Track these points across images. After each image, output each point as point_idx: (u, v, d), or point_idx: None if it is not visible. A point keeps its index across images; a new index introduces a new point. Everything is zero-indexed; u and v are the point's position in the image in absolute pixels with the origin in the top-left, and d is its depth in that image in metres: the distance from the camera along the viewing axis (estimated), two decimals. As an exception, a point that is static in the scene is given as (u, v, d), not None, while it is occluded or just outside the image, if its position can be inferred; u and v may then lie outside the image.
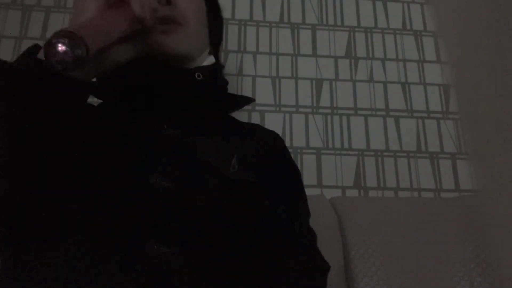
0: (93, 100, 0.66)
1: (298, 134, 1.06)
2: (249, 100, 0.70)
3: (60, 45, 0.40)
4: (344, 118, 1.09)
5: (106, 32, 0.46)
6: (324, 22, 1.18)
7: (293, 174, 0.66)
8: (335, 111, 1.09)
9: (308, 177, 1.02)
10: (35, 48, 0.46)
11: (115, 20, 0.48)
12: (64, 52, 0.40)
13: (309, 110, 1.09)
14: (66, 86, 0.45)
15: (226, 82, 0.69)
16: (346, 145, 1.06)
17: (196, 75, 0.60)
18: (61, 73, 0.42)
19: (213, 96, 0.64)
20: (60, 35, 0.40)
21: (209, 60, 0.67)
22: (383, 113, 1.10)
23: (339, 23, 1.18)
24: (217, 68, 0.68)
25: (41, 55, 0.45)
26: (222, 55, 1.11)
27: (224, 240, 0.53)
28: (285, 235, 0.58)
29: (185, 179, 0.53)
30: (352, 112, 1.10)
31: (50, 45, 0.40)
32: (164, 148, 0.55)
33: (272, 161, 0.63)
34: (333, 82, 1.12)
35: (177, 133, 0.57)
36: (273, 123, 1.06)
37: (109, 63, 0.51)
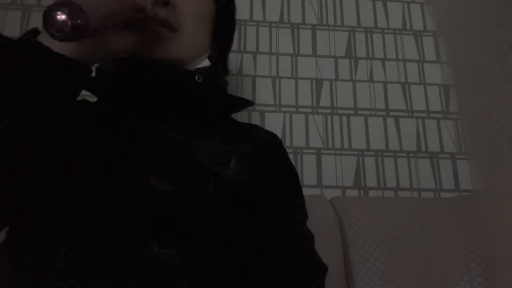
0: (92, 100, 0.66)
1: (298, 134, 1.06)
2: (249, 104, 0.70)
3: (59, 13, 0.39)
4: (344, 118, 1.09)
5: (108, 10, 0.46)
6: (324, 22, 1.18)
7: (291, 176, 0.66)
8: (335, 111, 1.09)
9: (308, 177, 1.02)
10: (34, 31, 0.47)
11: (119, 2, 0.48)
12: (63, 21, 0.39)
13: (309, 110, 1.09)
14: (66, 66, 0.45)
15: (226, 84, 0.69)
16: (346, 145, 1.06)
17: (196, 77, 0.60)
18: (59, 40, 0.42)
19: (213, 98, 0.64)
20: (60, 3, 0.40)
21: (206, 63, 0.66)
22: (383, 113, 1.10)
23: (339, 23, 1.18)
24: (217, 70, 0.67)
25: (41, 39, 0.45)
26: (222, 55, 1.11)
27: (223, 241, 0.53)
28: (283, 237, 0.58)
29: (184, 182, 0.53)
30: (352, 112, 1.10)
31: (50, 12, 0.40)
32: (163, 149, 0.55)
33: (270, 163, 0.63)
34: (333, 82, 1.12)
35: (176, 135, 0.57)
36: (273, 123, 1.06)
37: (108, 50, 0.51)
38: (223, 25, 0.70)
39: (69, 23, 0.40)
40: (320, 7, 1.19)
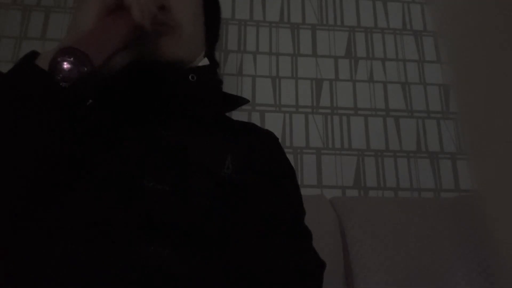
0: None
1: (298, 134, 1.06)
2: (244, 101, 0.69)
3: (65, 63, 0.39)
4: (344, 118, 1.09)
5: (109, 44, 0.46)
6: (324, 22, 1.18)
7: (288, 173, 0.66)
8: (335, 111, 1.09)
9: (308, 177, 1.02)
10: (32, 55, 0.46)
11: (116, 29, 0.47)
12: (70, 69, 0.39)
13: (309, 110, 1.09)
14: (67, 95, 0.45)
15: (221, 82, 0.69)
16: (346, 145, 1.06)
17: (190, 76, 0.60)
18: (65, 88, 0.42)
19: (207, 97, 0.64)
20: (65, 52, 0.39)
21: (204, 62, 0.66)
22: (383, 113, 1.10)
23: (339, 23, 1.18)
24: (211, 68, 0.67)
25: (39, 63, 0.45)
26: (222, 55, 1.11)
27: (220, 240, 0.53)
28: (280, 234, 0.58)
29: (179, 182, 0.53)
30: (352, 112, 1.10)
31: (55, 62, 0.39)
32: (157, 150, 0.55)
33: (266, 160, 0.62)
34: (333, 82, 1.12)
35: (170, 135, 0.57)
36: (273, 123, 1.06)
37: (107, 71, 0.50)
38: (212, 19, 0.70)
39: (76, 72, 0.39)
40: (320, 7, 1.19)
